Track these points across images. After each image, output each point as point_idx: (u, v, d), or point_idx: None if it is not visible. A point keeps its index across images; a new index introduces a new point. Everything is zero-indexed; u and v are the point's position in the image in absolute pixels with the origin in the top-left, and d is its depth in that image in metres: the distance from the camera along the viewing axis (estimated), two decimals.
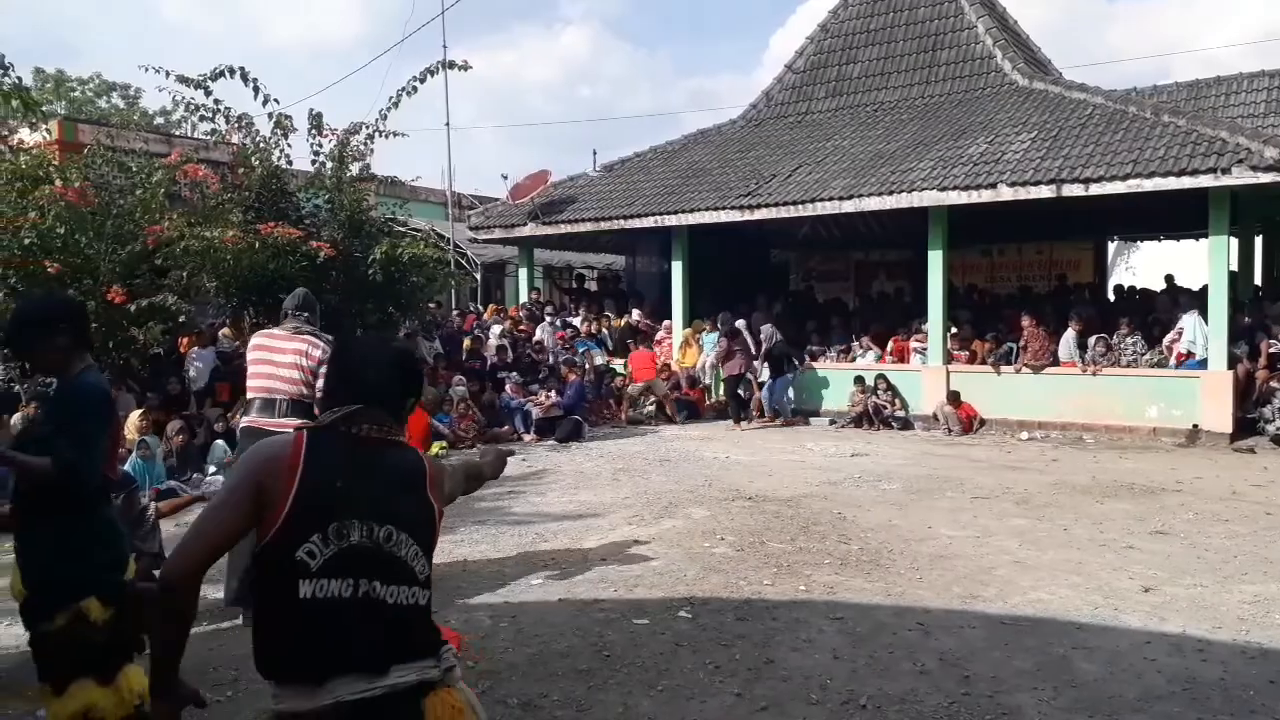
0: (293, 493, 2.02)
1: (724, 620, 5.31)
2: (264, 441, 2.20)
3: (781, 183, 14.78)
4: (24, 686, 4.47)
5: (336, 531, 2.03)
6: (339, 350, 2.44)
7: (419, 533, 2.14)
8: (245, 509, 2.06)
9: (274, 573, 2.02)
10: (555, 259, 23.41)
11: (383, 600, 2.05)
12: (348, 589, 2.02)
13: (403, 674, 2.03)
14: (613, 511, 8.23)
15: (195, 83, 12.05)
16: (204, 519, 2.09)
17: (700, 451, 11.58)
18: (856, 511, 8.03)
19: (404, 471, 2.20)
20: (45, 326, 3.04)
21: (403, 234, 13.94)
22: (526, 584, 6.14)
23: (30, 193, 9.66)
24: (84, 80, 38.88)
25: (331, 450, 2.11)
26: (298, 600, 1.99)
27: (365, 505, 2.07)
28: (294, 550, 2.00)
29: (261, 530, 2.04)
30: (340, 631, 2.00)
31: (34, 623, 3.06)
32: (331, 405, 2.20)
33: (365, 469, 2.12)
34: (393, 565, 2.08)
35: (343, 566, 2.02)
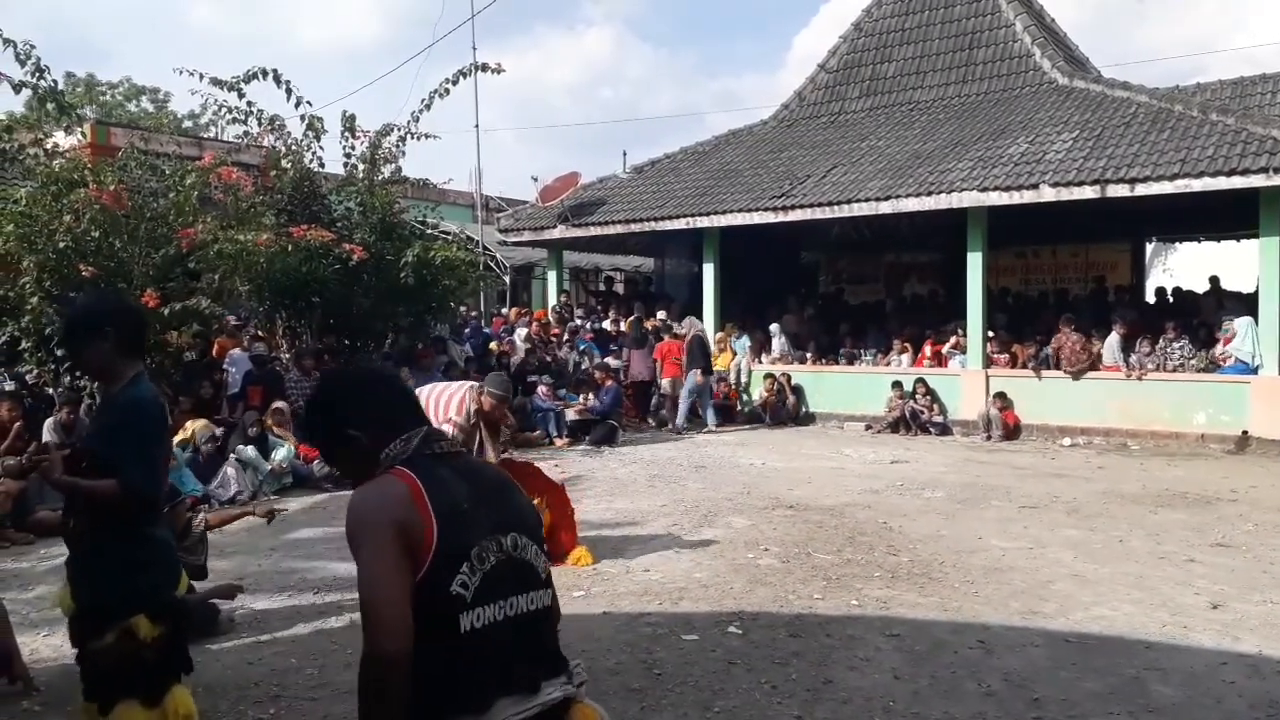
0: (435, 528, 1.94)
1: (776, 637, 5.13)
2: (374, 490, 1.99)
3: (816, 183, 14.57)
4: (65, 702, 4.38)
5: (479, 556, 1.98)
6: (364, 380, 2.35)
7: (535, 532, 2.14)
8: (404, 560, 1.92)
9: (430, 613, 1.92)
10: (583, 261, 23.29)
11: (524, 611, 2.03)
12: (500, 612, 1.98)
13: (551, 691, 2.02)
14: (651, 520, 8.07)
15: (228, 85, 12.06)
16: (379, 587, 1.91)
17: (736, 457, 11.40)
18: (902, 521, 7.83)
19: (495, 477, 2.20)
20: (93, 329, 2.94)
21: (434, 237, 13.88)
22: (569, 595, 5.97)
23: (65, 196, 9.61)
24: (114, 84, 39.22)
25: (437, 474, 2.03)
26: (460, 634, 1.93)
27: (489, 520, 2.03)
28: (448, 586, 1.93)
29: (413, 573, 1.93)
30: (500, 655, 1.97)
31: (83, 639, 2.97)
32: (394, 434, 2.09)
33: (470, 482, 2.07)
34: (525, 572, 2.07)
35: (491, 590, 1.98)
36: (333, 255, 11.65)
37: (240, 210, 10.86)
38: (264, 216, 11.17)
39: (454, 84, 13.29)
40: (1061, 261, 18.25)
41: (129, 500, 2.84)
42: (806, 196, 14.29)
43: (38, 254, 9.49)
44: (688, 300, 17.78)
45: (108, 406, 3.06)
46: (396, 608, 1.90)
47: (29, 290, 9.58)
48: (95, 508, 2.90)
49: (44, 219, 9.50)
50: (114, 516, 2.88)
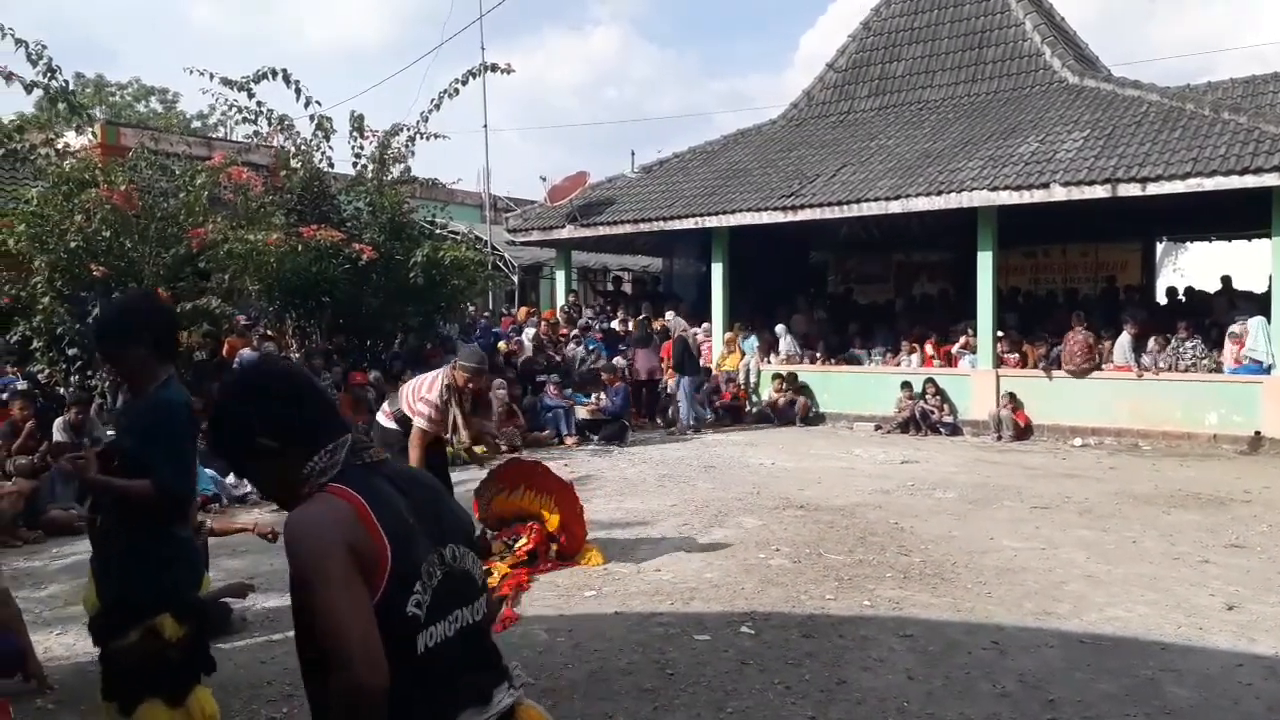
0: (389, 550, 1.81)
1: (789, 637, 5.11)
2: (317, 512, 1.82)
3: (825, 183, 14.54)
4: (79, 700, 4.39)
5: (427, 573, 1.87)
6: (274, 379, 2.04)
7: (470, 539, 2.04)
8: (361, 583, 1.78)
9: (386, 636, 1.79)
10: (591, 261, 23.29)
11: (469, 623, 1.94)
12: (449, 628, 1.89)
13: (500, 698, 1.95)
14: (661, 519, 8.06)
15: (238, 85, 12.08)
16: (343, 616, 1.75)
17: (745, 457, 11.38)
18: (914, 521, 7.80)
19: (428, 484, 2.07)
20: (129, 332, 2.95)
21: (443, 237, 13.90)
22: (580, 595, 5.98)
23: (76, 196, 9.65)
24: (123, 85, 39.34)
25: (378, 490, 1.89)
26: (417, 656, 1.84)
27: (429, 531, 1.91)
28: (404, 607, 1.82)
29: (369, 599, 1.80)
30: (454, 671, 1.90)
31: (106, 638, 2.96)
32: (320, 443, 1.90)
33: (408, 495, 1.94)
34: (465, 583, 1.96)
35: (440, 606, 1.88)
36: (342, 255, 11.67)
37: (250, 210, 10.88)
38: (274, 216, 11.20)
39: (463, 84, 13.31)
40: (1071, 261, 18.19)
41: (162, 500, 2.85)
42: (816, 196, 14.26)
43: (49, 254, 9.53)
44: (696, 300, 17.77)
45: (140, 408, 3.06)
46: (367, 635, 1.75)
47: (41, 290, 9.62)
48: (125, 507, 2.90)
49: (55, 219, 9.55)
50: (141, 515, 2.88)
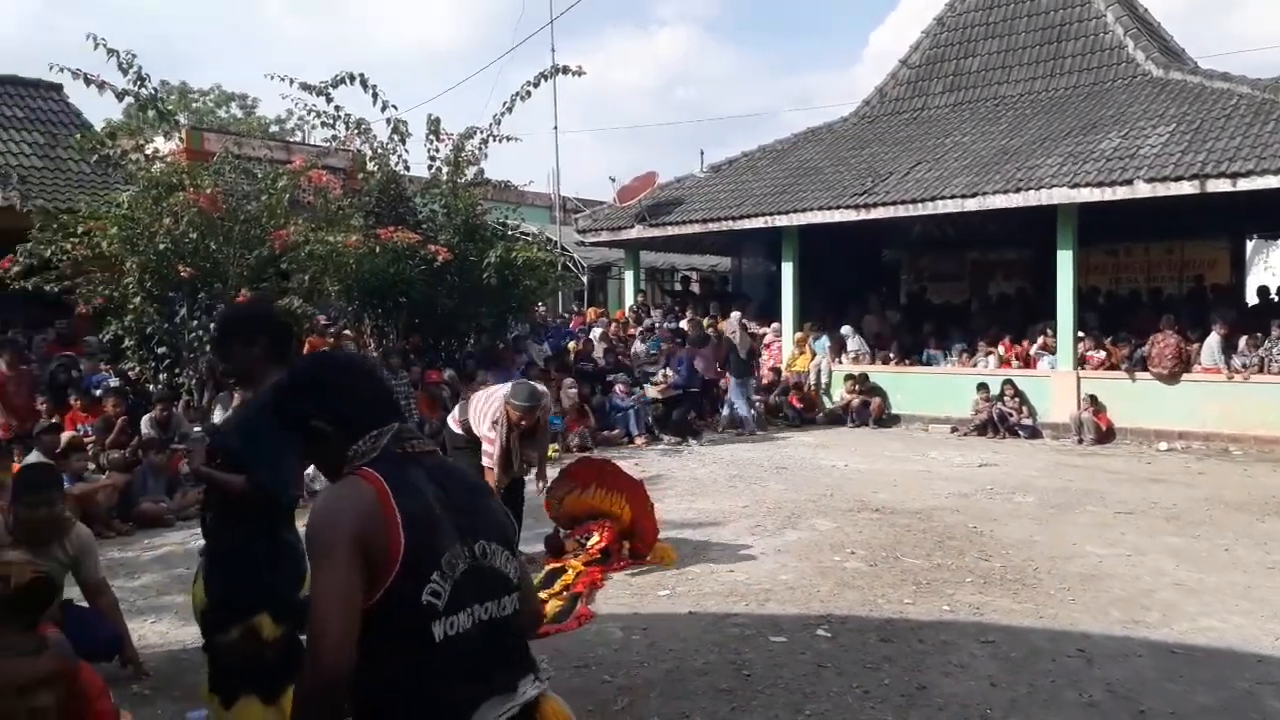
0: (402, 537, 1.85)
1: (866, 641, 5.05)
2: (339, 494, 1.91)
3: (899, 180, 14.33)
4: (173, 687, 4.53)
5: (449, 564, 1.90)
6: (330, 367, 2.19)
7: (504, 535, 2.06)
8: (359, 573, 1.83)
9: (400, 625, 1.86)
10: (659, 261, 23.31)
11: (495, 617, 1.97)
12: (470, 619, 1.92)
13: (526, 689, 1.98)
14: (733, 520, 8.03)
15: (317, 90, 12.35)
16: (327, 606, 1.82)
17: (817, 459, 11.27)
18: (993, 526, 7.64)
19: (467, 478, 2.14)
20: (245, 335, 3.04)
21: (515, 238, 14.03)
22: (654, 595, 5.98)
23: (164, 199, 9.96)
24: (204, 91, 40.56)
25: (407, 478, 1.94)
26: (434, 644, 1.87)
27: (458, 525, 1.95)
28: (418, 595, 1.85)
29: (374, 586, 1.84)
30: (476, 662, 1.92)
31: (211, 633, 3.06)
32: (363, 431, 1.98)
33: (444, 486, 1.99)
34: (494, 579, 2.00)
35: (462, 597, 1.91)
36: (418, 256, 11.86)
37: (330, 212, 11.11)
38: (352, 218, 11.42)
39: (535, 87, 13.40)
40: (1155, 259, 17.60)
41: (254, 498, 2.91)
42: (889, 194, 14.06)
43: (139, 255, 9.85)
44: (765, 300, 17.66)
45: (247, 408, 3.15)
46: (342, 631, 1.80)
47: (131, 290, 9.95)
48: (227, 504, 2.98)
49: (145, 221, 9.86)
50: (244, 514, 2.96)
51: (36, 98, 15.22)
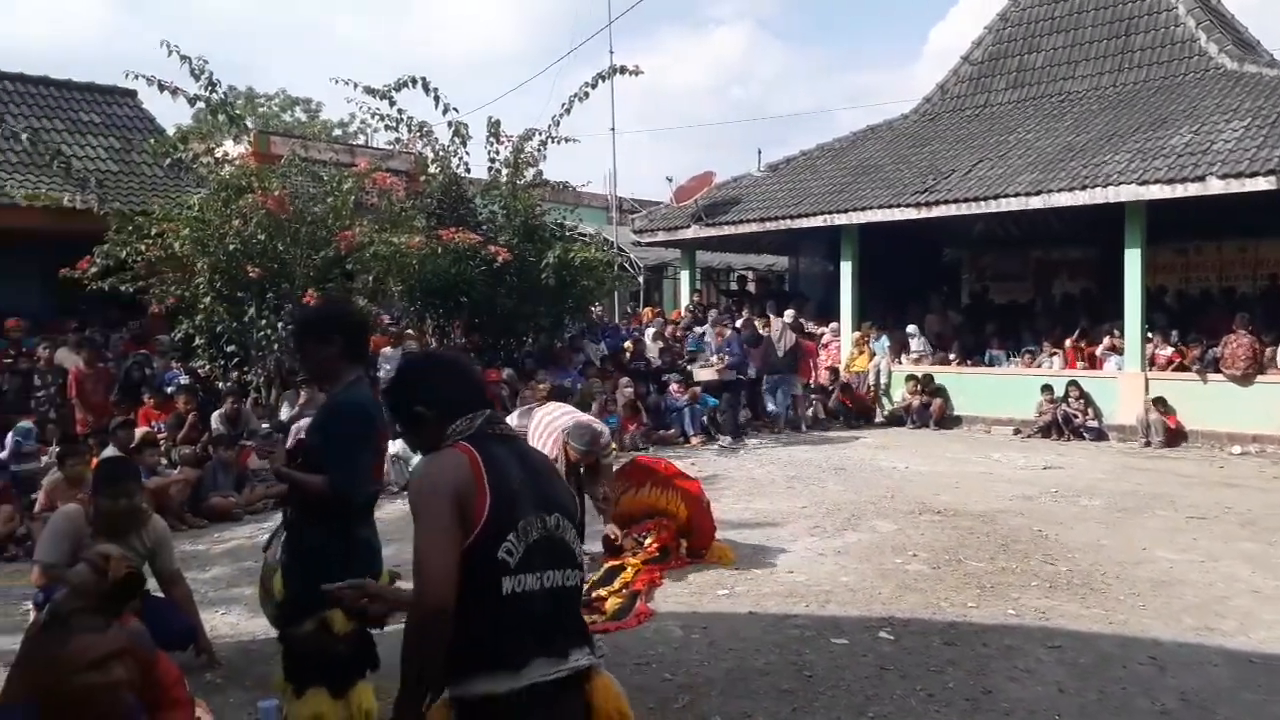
0: (488, 499, 2.13)
1: (930, 644, 4.99)
2: (439, 460, 2.22)
3: (961, 178, 14.12)
4: (244, 676, 4.65)
5: (524, 529, 2.16)
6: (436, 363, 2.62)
7: (572, 515, 2.32)
8: (457, 524, 2.13)
9: (475, 574, 2.12)
10: (716, 261, 23.25)
11: (559, 585, 2.21)
12: (538, 582, 2.16)
13: (577, 658, 2.18)
14: (791, 521, 7.99)
15: (380, 94, 12.55)
16: (431, 547, 2.13)
17: (877, 460, 11.16)
18: (1059, 529, 7.50)
19: (543, 463, 2.42)
20: (321, 334, 3.11)
21: (573, 238, 14.12)
22: (713, 594, 5.98)
23: (234, 202, 10.20)
24: (270, 96, 41.50)
25: (495, 453, 2.23)
26: (501, 596, 2.12)
27: (535, 498, 2.22)
28: (495, 551, 2.12)
29: (462, 540, 2.13)
30: (535, 620, 2.14)
31: (286, 625, 3.14)
32: (457, 414, 2.28)
33: (524, 464, 2.28)
34: (563, 551, 2.24)
35: (532, 561, 2.16)
36: (479, 257, 11.99)
37: (394, 214, 11.28)
38: (415, 220, 11.58)
39: (593, 88, 13.48)
40: (1227, 258, 17.05)
41: (331, 498, 2.98)
42: (951, 192, 13.86)
43: (210, 256, 10.11)
44: (823, 299, 17.53)
45: (324, 407, 3.22)
46: (445, 567, 2.10)
47: (202, 290, 10.22)
48: (304, 501, 3.06)
49: (215, 223, 10.12)
50: (320, 511, 3.03)
51: (112, 104, 15.70)
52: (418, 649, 2.14)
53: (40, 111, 14.56)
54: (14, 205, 11.57)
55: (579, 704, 2.18)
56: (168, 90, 10.46)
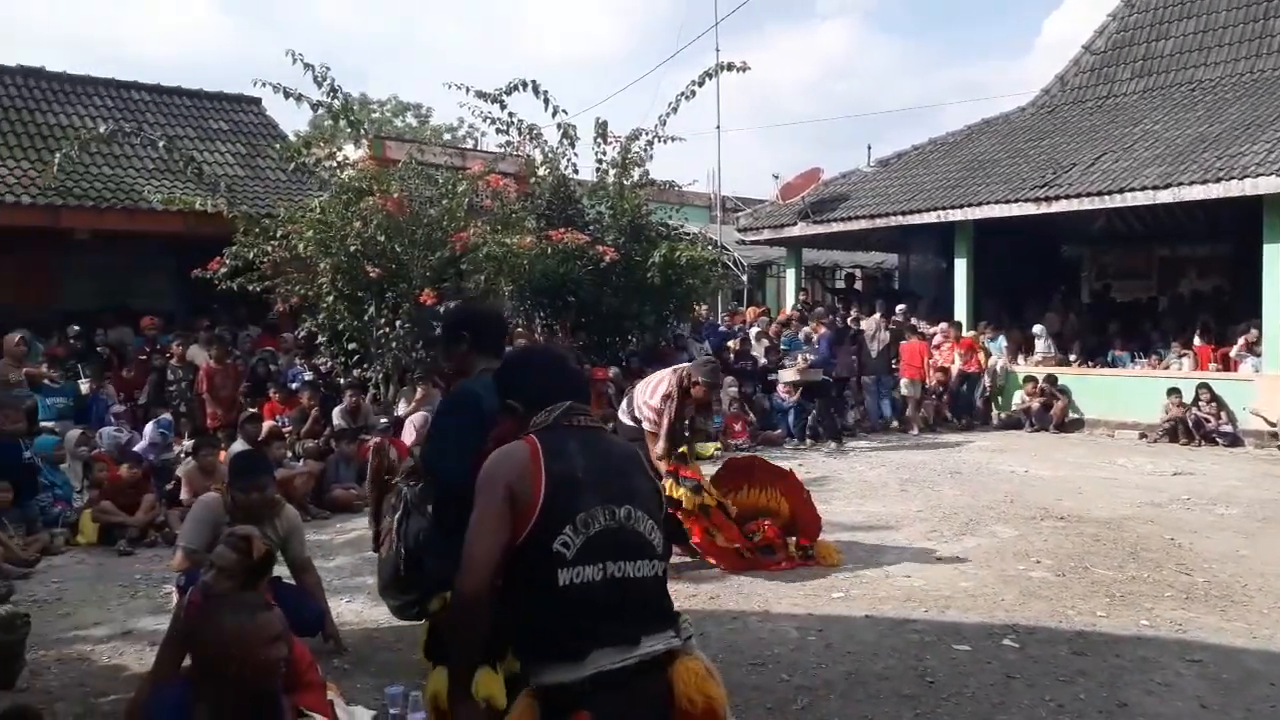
0: (542, 491, 2.17)
1: (1057, 653, 4.81)
2: (501, 451, 2.31)
3: (1082, 172, 13.59)
4: (369, 663, 4.80)
5: (584, 521, 2.17)
6: (528, 357, 2.75)
7: (651, 507, 2.30)
8: (506, 516, 2.18)
9: (532, 566, 2.17)
10: (822, 259, 22.95)
11: (628, 577, 2.19)
12: (599, 573, 2.16)
13: (652, 644, 2.16)
14: (906, 525, 7.81)
15: (492, 97, 12.77)
16: (476, 534, 2.21)
17: (994, 464, 10.82)
18: (1193, 538, 7.14)
19: (625, 452, 2.44)
20: (454, 333, 3.28)
21: (679, 237, 14.13)
22: (827, 597, 5.89)
23: (354, 204, 10.53)
24: (382, 102, 42.77)
25: (563, 445, 2.27)
26: (557, 588, 2.14)
27: (603, 489, 2.23)
28: (550, 543, 2.15)
29: (516, 530, 2.18)
30: (596, 611, 2.15)
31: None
32: (542, 405, 2.36)
33: (595, 455, 2.29)
34: (633, 542, 2.23)
35: (592, 552, 2.16)
36: (586, 257, 12.10)
37: (506, 215, 11.48)
38: (525, 221, 11.75)
39: (699, 85, 13.44)
40: None
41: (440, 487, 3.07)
42: (1072, 186, 13.34)
43: (332, 257, 10.46)
44: (935, 298, 17.11)
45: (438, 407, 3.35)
46: (485, 557, 2.17)
47: (325, 290, 10.59)
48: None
49: (337, 225, 10.46)
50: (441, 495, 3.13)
51: (238, 112, 16.45)
52: (455, 633, 2.27)
53: (174, 120, 15.35)
54: (151, 209, 12.21)
55: (658, 689, 2.16)
56: (293, 97, 10.87)
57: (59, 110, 14.25)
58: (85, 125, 13.18)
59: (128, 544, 7.33)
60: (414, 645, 4.97)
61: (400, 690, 4.05)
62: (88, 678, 4.61)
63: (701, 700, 2.17)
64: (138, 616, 5.63)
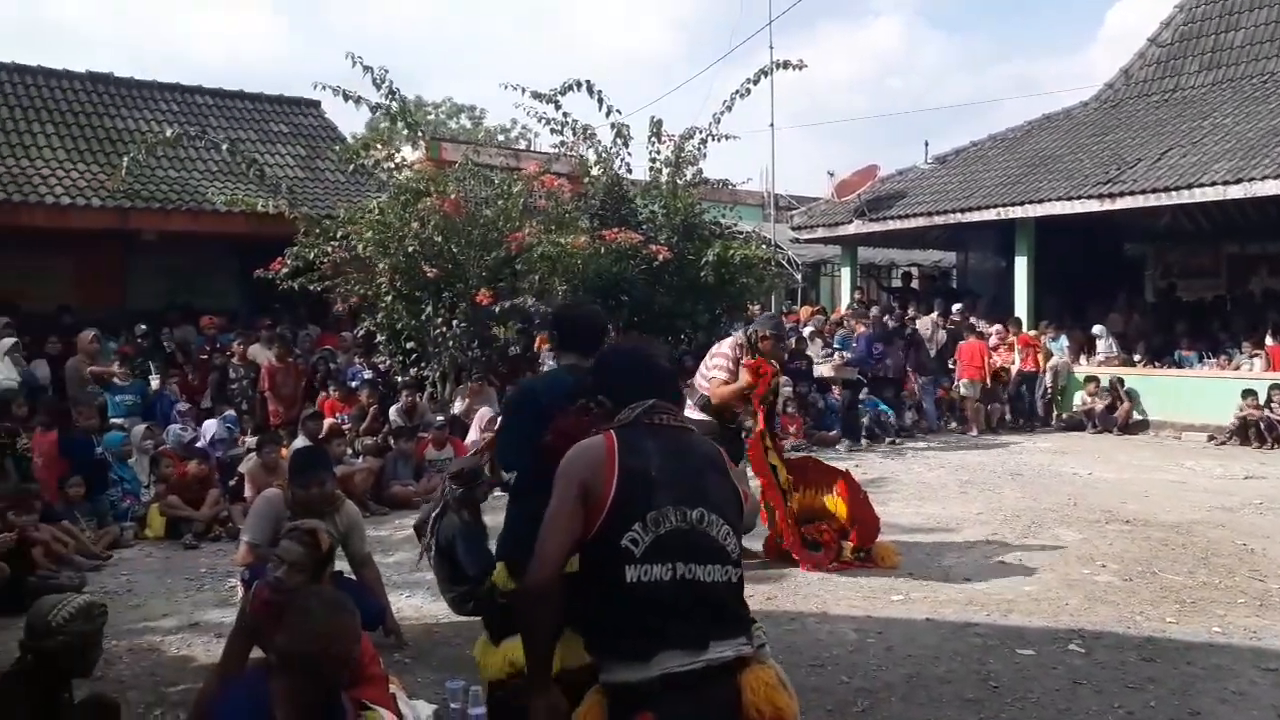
0: (614, 487, 2.18)
1: (1125, 659, 4.70)
2: (578, 446, 2.33)
3: (1148, 168, 13.25)
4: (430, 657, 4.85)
5: (655, 520, 2.16)
6: (617, 354, 2.75)
7: (727, 512, 2.27)
8: (579, 511, 2.20)
9: (601, 561, 2.18)
10: (878, 257, 22.68)
11: (698, 580, 2.17)
12: (667, 572, 2.14)
13: (721, 649, 2.13)
14: (966, 527, 7.68)
15: (547, 98, 12.84)
16: (548, 529, 2.23)
17: (1055, 465, 10.60)
18: (1266, 544, 6.92)
19: (705, 454, 2.39)
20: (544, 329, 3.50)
21: (732, 236, 14.06)
22: (886, 599, 5.82)
23: (412, 205, 10.66)
24: (437, 104, 43.24)
25: (639, 443, 2.27)
26: (625, 585, 2.13)
27: (677, 489, 2.21)
28: (619, 539, 2.14)
29: (587, 524, 2.19)
30: (663, 611, 2.13)
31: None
32: (627, 402, 2.37)
33: (672, 455, 2.28)
34: (706, 545, 2.21)
35: (662, 551, 2.15)
36: (639, 256, 12.11)
37: (560, 215, 11.53)
38: (579, 220, 11.79)
39: (754, 83, 13.39)
40: None
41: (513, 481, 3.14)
42: (1138, 182, 13.02)
43: (390, 257, 10.60)
44: (993, 296, 16.82)
45: None
46: (555, 550, 2.19)
47: (384, 290, 10.73)
48: None
49: (395, 226, 10.59)
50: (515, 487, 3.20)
51: (298, 114, 16.73)
52: (525, 626, 2.29)
53: (236, 123, 15.66)
54: (215, 211, 12.48)
55: (727, 695, 2.14)
56: (353, 100, 11.02)
57: (126, 115, 14.63)
58: (152, 129, 13.50)
59: (193, 538, 7.49)
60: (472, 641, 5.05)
61: (461, 685, 4.09)
62: (158, 668, 4.74)
63: (770, 710, 2.14)
64: (204, 609, 5.75)
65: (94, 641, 3.07)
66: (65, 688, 3.10)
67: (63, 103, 14.21)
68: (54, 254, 12.95)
